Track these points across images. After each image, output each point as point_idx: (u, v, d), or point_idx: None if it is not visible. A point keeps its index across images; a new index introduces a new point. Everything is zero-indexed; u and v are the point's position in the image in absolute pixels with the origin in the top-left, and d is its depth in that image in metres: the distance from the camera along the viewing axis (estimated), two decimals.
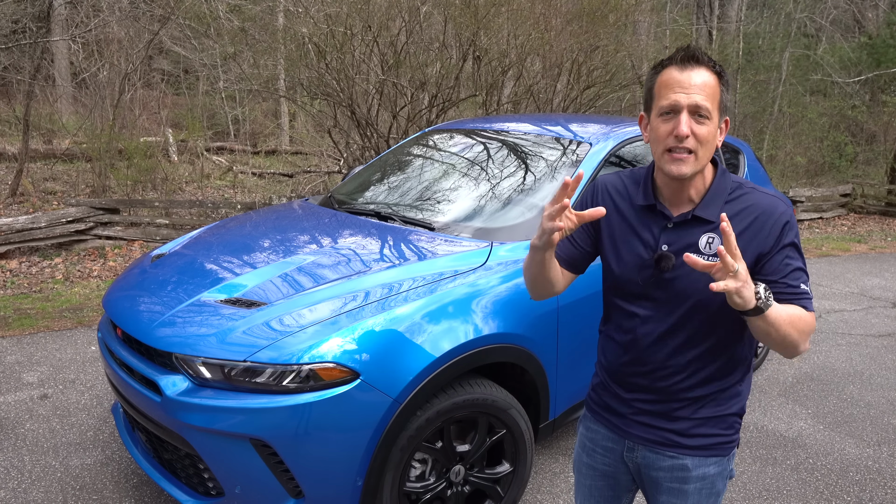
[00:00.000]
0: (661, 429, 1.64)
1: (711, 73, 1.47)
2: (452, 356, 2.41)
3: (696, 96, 1.44)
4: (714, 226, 1.51)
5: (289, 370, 2.18)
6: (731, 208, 1.52)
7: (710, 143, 1.48)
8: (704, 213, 1.52)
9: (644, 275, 1.58)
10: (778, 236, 1.49)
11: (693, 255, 1.33)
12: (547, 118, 4.20)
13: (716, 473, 1.64)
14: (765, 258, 1.49)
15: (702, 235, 1.52)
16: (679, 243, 1.54)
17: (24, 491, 2.98)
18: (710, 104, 1.45)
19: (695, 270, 1.45)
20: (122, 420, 2.96)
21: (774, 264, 1.49)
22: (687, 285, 1.52)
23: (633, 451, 1.69)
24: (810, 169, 14.46)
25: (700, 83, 1.45)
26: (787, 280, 1.48)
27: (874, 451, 3.61)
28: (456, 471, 2.58)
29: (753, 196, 1.53)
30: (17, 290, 6.08)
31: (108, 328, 2.81)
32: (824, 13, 18.36)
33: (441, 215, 3.23)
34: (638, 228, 1.60)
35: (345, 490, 2.27)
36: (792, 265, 1.49)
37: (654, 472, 1.67)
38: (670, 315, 1.56)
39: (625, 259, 1.61)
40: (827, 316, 6.01)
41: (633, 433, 1.67)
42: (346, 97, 7.86)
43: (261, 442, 2.19)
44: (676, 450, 1.63)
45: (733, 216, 1.51)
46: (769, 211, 1.50)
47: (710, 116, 1.46)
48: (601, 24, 8.43)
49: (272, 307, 2.39)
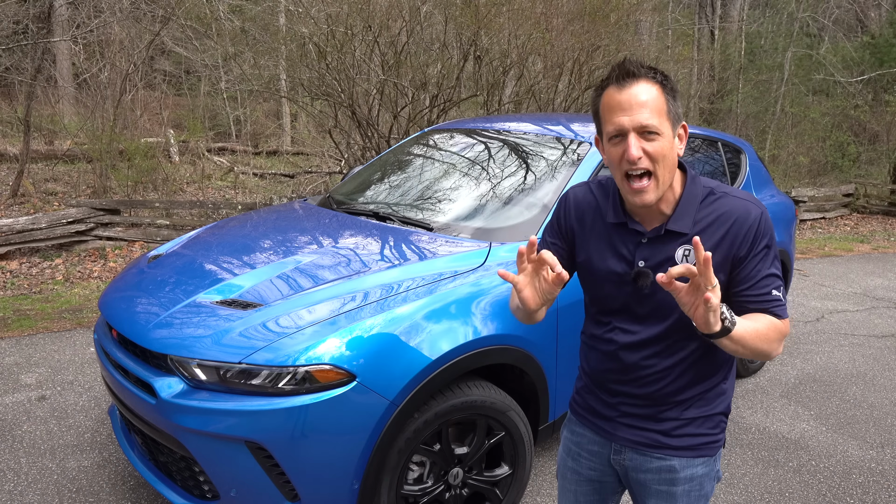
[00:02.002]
0: (647, 430, 1.61)
1: (653, 83, 1.41)
2: (450, 358, 2.38)
3: (639, 116, 1.38)
4: (689, 237, 1.48)
5: (285, 372, 2.16)
6: (705, 216, 1.48)
7: (668, 158, 1.42)
8: (677, 226, 1.48)
9: (623, 291, 1.55)
10: (752, 242, 1.46)
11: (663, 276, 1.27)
12: (548, 118, 4.17)
13: (703, 474, 1.62)
14: (739, 265, 1.47)
15: (678, 248, 1.49)
16: (655, 258, 1.50)
17: (20, 493, 2.96)
18: (655, 120, 1.39)
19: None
20: (119, 422, 2.94)
21: (747, 270, 1.46)
22: (667, 299, 1.49)
23: (621, 453, 1.66)
24: (813, 169, 14.42)
25: (643, 100, 1.39)
26: (758, 287, 1.46)
27: (877, 453, 3.58)
28: (454, 473, 2.56)
29: (726, 202, 1.49)
30: (16, 291, 6.07)
31: (104, 330, 2.79)
32: (827, 13, 18.31)
33: (440, 215, 3.21)
34: (613, 244, 1.56)
35: (341, 493, 2.25)
36: (763, 272, 1.46)
37: (641, 474, 1.65)
38: (652, 328, 1.54)
39: (602, 276, 1.58)
40: (830, 316, 5.98)
41: (619, 436, 1.65)
42: (347, 97, 7.84)
43: (256, 445, 2.16)
44: (664, 451, 1.60)
45: (708, 225, 1.47)
46: (744, 217, 1.46)
47: (659, 132, 1.40)
48: (603, 23, 8.41)
49: (269, 308, 2.37)
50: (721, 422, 1.63)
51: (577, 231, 1.63)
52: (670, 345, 1.54)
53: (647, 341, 1.55)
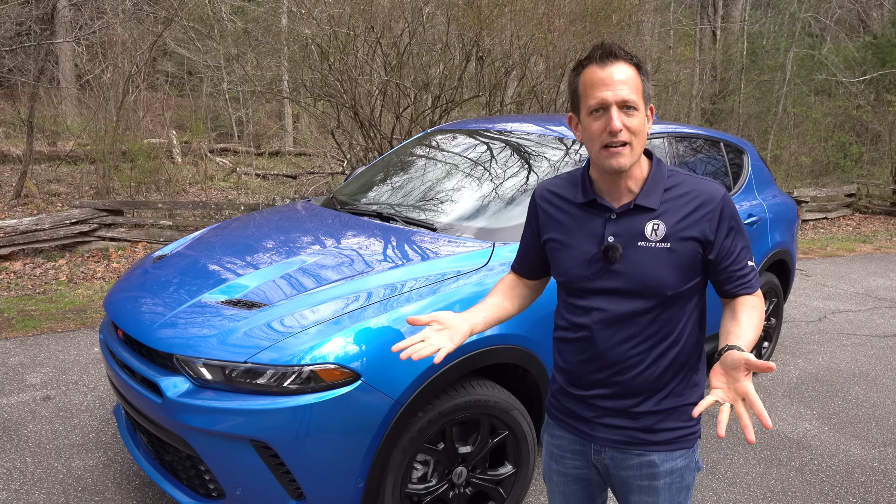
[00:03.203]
0: (626, 428, 1.64)
1: (630, 66, 1.51)
2: (454, 357, 2.39)
3: (621, 91, 1.48)
4: (656, 213, 1.55)
5: (290, 371, 2.17)
6: (672, 194, 1.57)
7: (642, 133, 1.53)
8: (646, 201, 1.56)
9: (594, 268, 1.59)
10: (719, 221, 1.55)
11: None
12: (550, 118, 4.18)
13: (683, 466, 1.65)
14: (712, 244, 1.55)
15: (647, 223, 1.55)
16: (625, 234, 1.57)
17: (26, 492, 2.98)
18: (635, 96, 1.50)
19: (643, 259, 1.54)
20: (124, 422, 2.95)
21: (723, 250, 1.56)
22: (636, 273, 1.55)
23: (601, 452, 1.69)
24: (815, 169, 14.42)
25: (623, 78, 1.49)
26: (737, 262, 1.58)
27: (879, 453, 3.59)
28: (458, 472, 2.57)
29: (691, 181, 1.59)
30: (20, 291, 6.09)
31: (109, 329, 2.80)
32: (829, 13, 18.31)
33: (443, 216, 3.22)
34: (582, 224, 1.63)
35: (346, 492, 2.26)
36: (737, 247, 1.58)
37: (622, 471, 1.67)
38: (622, 305, 1.58)
39: (573, 256, 1.63)
40: (832, 316, 5.98)
41: (598, 436, 1.67)
42: (350, 98, 7.85)
43: (261, 443, 2.18)
44: (643, 447, 1.63)
45: (674, 200, 1.56)
46: (710, 196, 1.55)
47: (637, 108, 1.50)
48: (605, 24, 8.42)
49: (273, 308, 2.38)
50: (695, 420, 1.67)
51: (542, 218, 1.72)
52: (643, 327, 1.58)
53: (624, 317, 1.58)
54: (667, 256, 1.54)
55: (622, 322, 1.58)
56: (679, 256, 1.54)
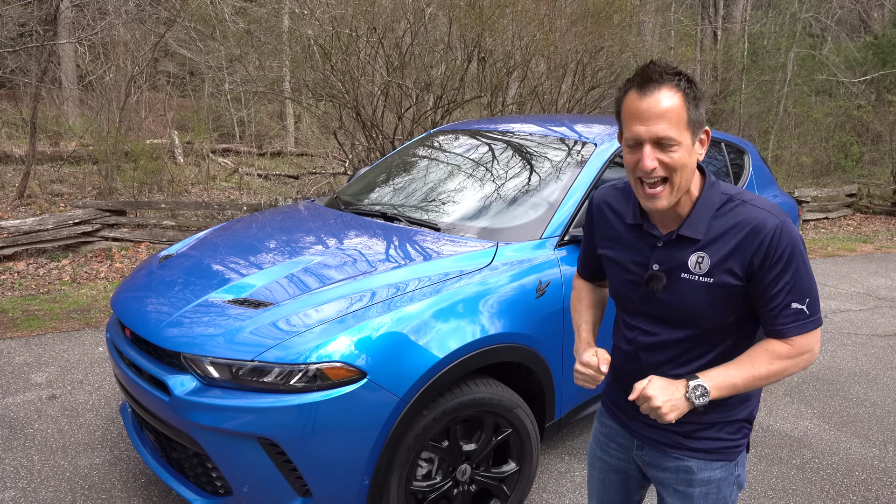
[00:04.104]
0: (667, 430, 1.63)
1: (675, 91, 1.38)
2: (458, 356, 2.42)
3: (656, 128, 1.37)
4: (701, 244, 1.47)
5: (296, 370, 2.19)
6: (722, 222, 1.47)
7: (686, 167, 1.42)
8: (689, 231, 1.48)
9: (639, 293, 1.58)
10: (765, 254, 1.42)
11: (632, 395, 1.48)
12: (552, 119, 4.21)
13: (721, 478, 1.62)
14: (753, 280, 1.45)
15: (691, 255, 1.49)
16: (669, 263, 1.51)
17: (33, 490, 3.01)
18: (674, 132, 1.38)
19: (686, 292, 1.49)
20: (131, 420, 2.98)
21: (763, 284, 1.44)
22: (679, 304, 1.51)
23: (643, 449, 1.71)
24: (816, 169, 14.43)
25: (661, 110, 1.37)
26: (778, 305, 1.45)
27: (880, 451, 3.61)
28: (462, 470, 2.59)
29: (744, 210, 1.46)
30: (24, 291, 6.12)
31: (116, 328, 2.83)
32: (830, 13, 18.32)
33: (446, 216, 3.24)
34: (631, 246, 1.60)
35: (352, 489, 2.29)
36: (779, 285, 1.43)
37: (660, 472, 1.68)
38: (666, 331, 1.56)
39: (622, 277, 1.62)
40: (833, 316, 6.00)
41: (641, 433, 1.69)
42: (352, 99, 7.88)
43: (269, 441, 2.20)
44: (681, 451, 1.62)
45: (723, 233, 1.46)
46: (758, 227, 1.42)
47: (676, 143, 1.39)
48: (606, 24, 8.44)
49: (279, 307, 2.41)
50: (743, 427, 1.63)
51: (597, 228, 1.71)
52: (688, 350, 1.55)
53: (666, 344, 1.57)
54: (709, 291, 1.47)
55: (664, 346, 1.57)
56: (722, 291, 1.46)
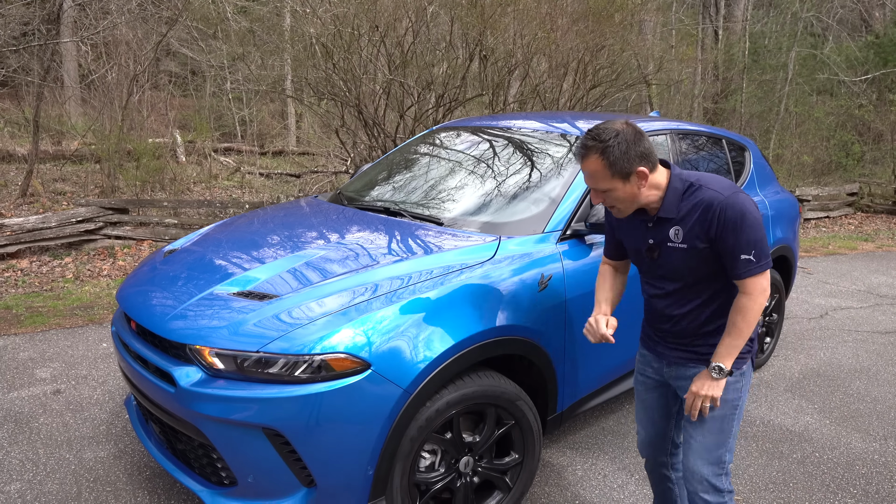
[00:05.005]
0: (684, 352, 2.23)
1: (597, 156, 1.95)
2: (461, 348, 2.44)
3: (591, 182, 2.03)
4: (676, 220, 2.05)
5: (301, 360, 2.21)
6: (688, 202, 2.04)
7: (625, 199, 2.03)
8: (665, 213, 2.07)
9: (644, 261, 2.21)
10: (718, 225, 1.98)
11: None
12: (553, 115, 4.23)
13: (729, 382, 2.15)
14: (715, 243, 2.01)
15: (670, 229, 2.07)
16: (658, 237, 2.12)
17: (39, 483, 3.03)
18: (603, 184, 1.99)
19: (675, 256, 2.08)
20: (136, 413, 3.00)
21: (723, 249, 2.00)
22: (669, 266, 2.13)
23: (670, 367, 2.29)
24: (817, 168, 14.43)
25: (590, 172, 2.00)
26: (732, 258, 2.00)
27: (881, 445, 3.62)
28: (465, 461, 2.61)
29: (701, 192, 2.02)
30: (28, 288, 6.15)
31: (122, 322, 2.85)
32: (831, 12, 18.33)
33: (449, 211, 3.26)
34: (635, 230, 2.20)
35: (356, 479, 2.31)
36: (730, 243, 1.98)
37: (683, 381, 2.25)
38: (665, 284, 2.19)
39: (633, 251, 2.25)
40: (833, 313, 6.01)
41: (667, 354, 2.28)
42: (354, 97, 7.90)
43: (273, 431, 2.22)
44: (697, 363, 2.20)
45: (688, 212, 2.03)
46: (710, 203, 1.99)
47: (609, 189, 2.00)
48: (607, 23, 8.46)
49: (284, 299, 2.43)
50: (744, 345, 2.11)
51: (610, 217, 2.32)
52: (681, 297, 2.17)
53: (666, 294, 2.20)
54: (686, 253, 2.06)
55: (665, 296, 2.20)
56: (695, 253, 2.04)
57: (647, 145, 1.99)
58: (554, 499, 3.04)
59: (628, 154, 1.94)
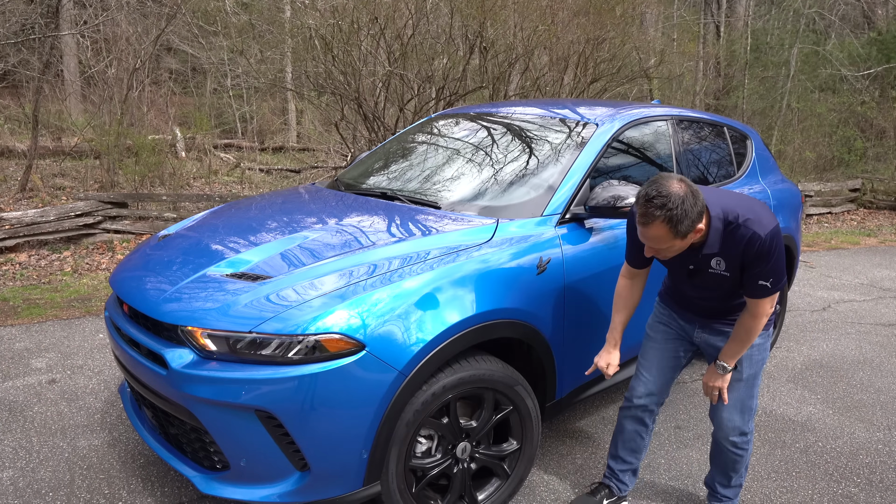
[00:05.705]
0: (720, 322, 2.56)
1: (662, 224, 2.12)
2: (457, 330, 2.40)
3: (652, 243, 2.23)
4: (718, 253, 2.30)
5: (294, 341, 2.17)
6: (729, 238, 2.26)
7: (680, 249, 2.26)
8: (708, 250, 2.31)
9: (683, 278, 2.49)
10: (751, 261, 2.25)
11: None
12: (554, 102, 4.18)
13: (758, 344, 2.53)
14: (745, 269, 2.29)
15: (712, 259, 2.34)
16: (700, 264, 2.38)
17: (32, 470, 2.99)
18: (664, 244, 2.20)
19: (716, 279, 2.37)
20: (129, 400, 2.97)
21: (748, 272, 2.29)
22: (707, 285, 2.43)
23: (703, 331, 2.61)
24: (819, 164, 14.37)
25: (653, 236, 2.18)
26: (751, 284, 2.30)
27: (884, 435, 3.58)
28: (462, 447, 2.57)
29: (743, 231, 2.23)
30: (26, 281, 6.12)
31: (115, 306, 2.81)
32: (833, 9, 18.26)
33: (447, 195, 3.22)
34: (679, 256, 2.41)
35: (350, 463, 2.27)
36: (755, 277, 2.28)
37: (711, 349, 2.60)
38: (703, 292, 2.48)
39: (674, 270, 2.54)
40: (836, 306, 5.97)
41: (697, 319, 2.61)
42: (353, 90, 7.86)
43: (266, 413, 2.18)
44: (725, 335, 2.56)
45: (731, 242, 2.26)
46: (747, 241, 2.23)
47: (668, 247, 2.22)
48: (608, 16, 8.42)
49: (278, 280, 2.39)
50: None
51: None
52: (712, 295, 2.47)
53: (700, 296, 2.51)
54: (724, 278, 2.35)
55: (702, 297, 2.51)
56: (732, 278, 2.34)
57: (702, 201, 2.17)
58: (553, 487, 3.00)
59: (690, 217, 2.12)
